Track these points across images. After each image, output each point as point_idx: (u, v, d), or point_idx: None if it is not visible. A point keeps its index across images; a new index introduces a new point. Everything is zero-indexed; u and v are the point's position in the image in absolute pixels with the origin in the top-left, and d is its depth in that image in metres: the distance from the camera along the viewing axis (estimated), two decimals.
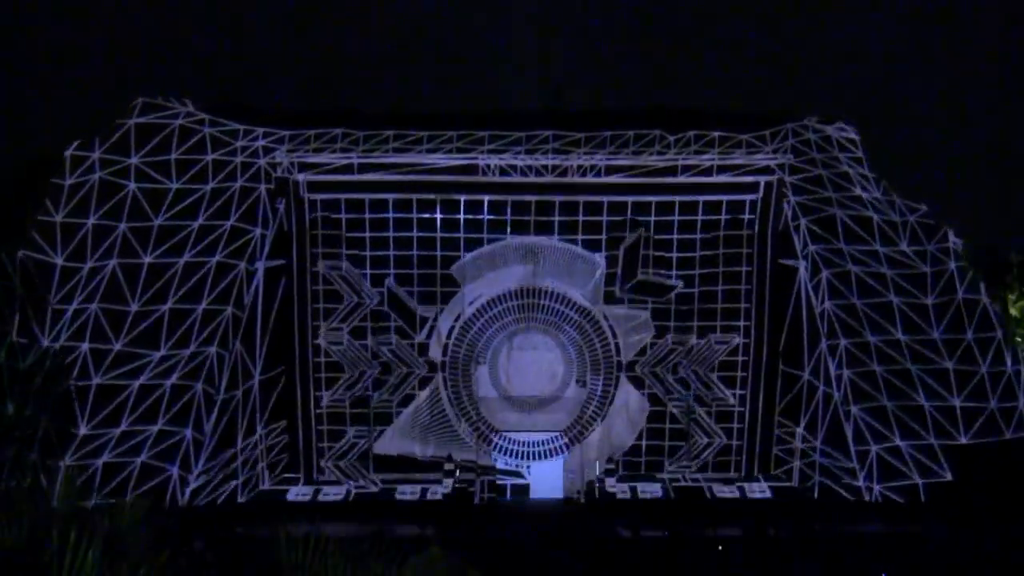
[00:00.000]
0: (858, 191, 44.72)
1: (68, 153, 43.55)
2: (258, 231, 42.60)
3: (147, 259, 42.01)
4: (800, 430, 43.96)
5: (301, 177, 44.80)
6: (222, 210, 42.92)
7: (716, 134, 45.35)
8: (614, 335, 47.04)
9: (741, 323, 46.53)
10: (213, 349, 39.70)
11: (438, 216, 45.80)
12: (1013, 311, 52.30)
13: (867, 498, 38.63)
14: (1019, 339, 50.30)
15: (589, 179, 44.95)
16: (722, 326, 46.49)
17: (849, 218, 43.72)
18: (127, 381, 39.32)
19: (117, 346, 40.20)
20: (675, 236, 46.45)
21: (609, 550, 28.45)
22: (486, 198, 45.88)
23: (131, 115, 44.67)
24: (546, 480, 46.51)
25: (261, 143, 44.73)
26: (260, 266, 42.88)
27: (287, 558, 11.85)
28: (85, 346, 40.09)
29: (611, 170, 44.85)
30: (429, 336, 47.12)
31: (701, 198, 45.82)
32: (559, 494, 46.16)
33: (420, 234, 46.01)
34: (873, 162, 46.91)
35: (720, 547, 27.16)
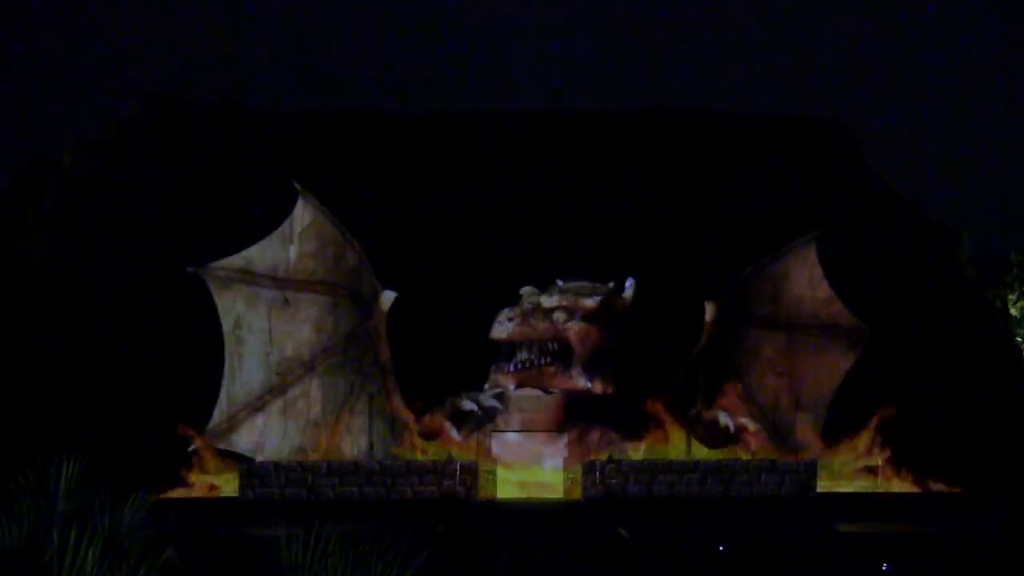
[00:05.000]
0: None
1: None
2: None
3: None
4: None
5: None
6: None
7: None
8: None
9: None
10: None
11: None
12: (1013, 311, 52.31)
13: None
14: (1019, 339, 50.38)
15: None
16: None
17: None
18: None
19: None
20: None
21: (609, 550, 28.52)
22: None
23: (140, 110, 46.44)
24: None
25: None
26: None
27: (287, 558, 11.87)
28: None
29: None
30: None
31: None
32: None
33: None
34: (875, 163, 47.00)
35: (721, 547, 27.19)
